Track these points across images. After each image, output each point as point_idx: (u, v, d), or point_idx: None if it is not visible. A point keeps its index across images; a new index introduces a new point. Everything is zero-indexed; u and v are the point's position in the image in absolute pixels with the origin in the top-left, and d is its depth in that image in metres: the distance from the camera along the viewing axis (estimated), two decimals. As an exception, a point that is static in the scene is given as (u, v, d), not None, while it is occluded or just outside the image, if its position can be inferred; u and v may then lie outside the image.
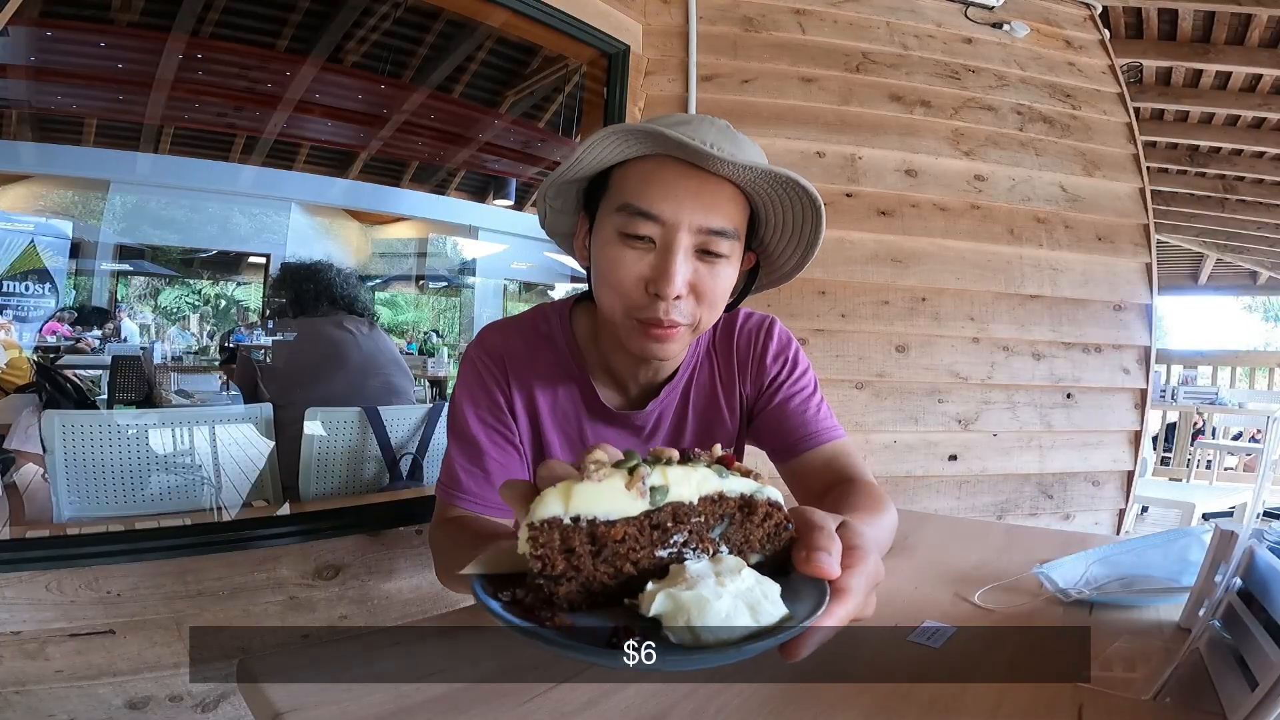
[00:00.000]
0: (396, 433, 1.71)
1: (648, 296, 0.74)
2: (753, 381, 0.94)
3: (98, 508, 1.42)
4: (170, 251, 2.98)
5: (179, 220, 2.88)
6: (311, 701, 0.50)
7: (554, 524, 0.39)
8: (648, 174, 0.74)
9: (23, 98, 2.25)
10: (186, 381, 2.55)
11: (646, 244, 0.74)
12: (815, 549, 0.42)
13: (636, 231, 0.73)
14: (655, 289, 0.73)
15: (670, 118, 0.76)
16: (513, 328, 0.89)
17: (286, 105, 2.66)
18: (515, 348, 0.87)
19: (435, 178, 3.34)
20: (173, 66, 2.35)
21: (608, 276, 0.76)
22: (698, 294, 0.76)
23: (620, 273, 0.75)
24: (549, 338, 0.88)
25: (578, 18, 1.71)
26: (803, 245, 0.82)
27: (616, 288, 0.76)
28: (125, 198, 2.68)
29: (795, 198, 0.77)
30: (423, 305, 3.90)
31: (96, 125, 2.48)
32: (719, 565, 0.40)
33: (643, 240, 0.74)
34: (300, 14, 2.40)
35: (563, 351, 0.87)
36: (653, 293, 0.74)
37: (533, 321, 0.90)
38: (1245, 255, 6.80)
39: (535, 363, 0.86)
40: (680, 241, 0.73)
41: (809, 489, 0.90)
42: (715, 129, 0.75)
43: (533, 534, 0.39)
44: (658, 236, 0.73)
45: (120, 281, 2.85)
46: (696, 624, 0.37)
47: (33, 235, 2.41)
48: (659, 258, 0.73)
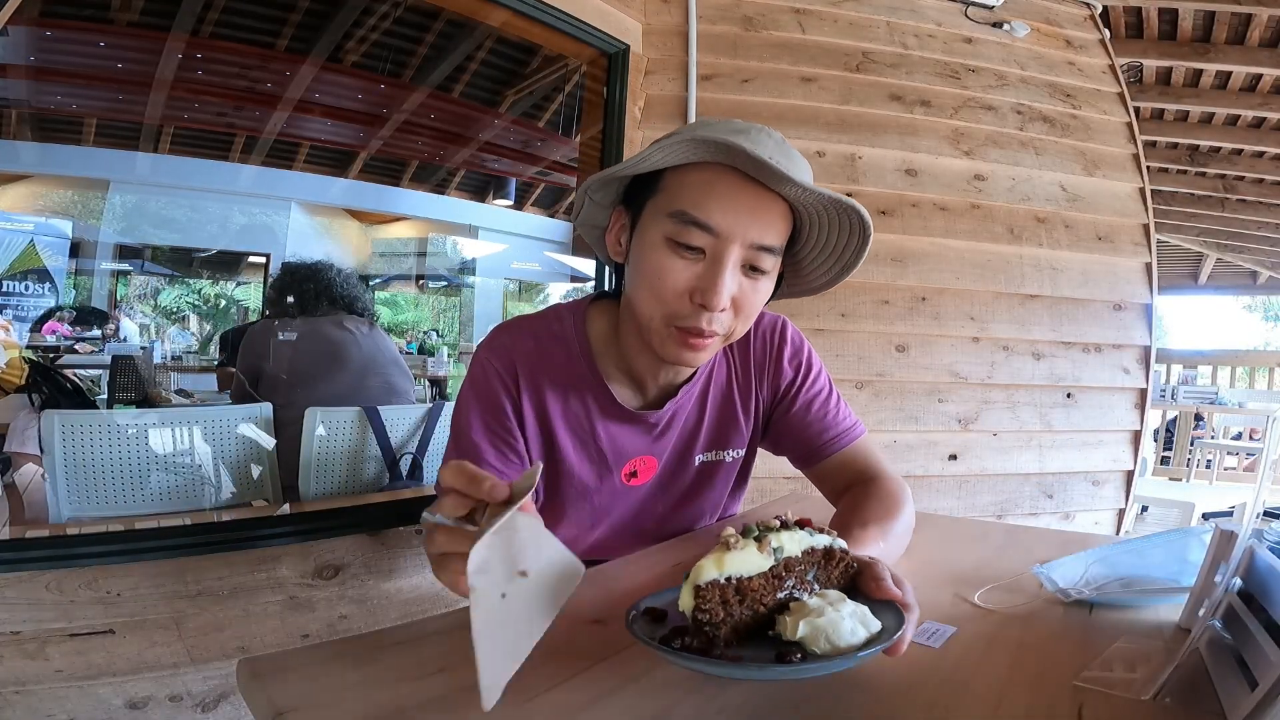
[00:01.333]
0: (396, 433, 1.71)
1: (691, 306, 0.74)
2: (769, 384, 0.94)
3: (97, 508, 1.42)
4: (170, 251, 2.98)
5: (179, 220, 2.88)
6: (311, 701, 0.50)
7: (714, 585, 0.52)
8: (707, 184, 0.72)
9: (23, 97, 2.24)
10: (186, 381, 2.56)
11: (696, 254, 0.73)
12: (880, 579, 0.56)
13: (689, 241, 0.72)
14: (701, 299, 0.73)
15: (728, 125, 0.74)
16: (525, 328, 0.88)
17: (286, 105, 2.66)
18: (526, 348, 0.85)
19: (435, 177, 3.34)
20: (172, 66, 2.35)
21: (652, 281, 0.75)
22: (737, 306, 0.75)
23: (667, 280, 0.74)
24: (561, 338, 0.87)
25: (578, 17, 1.71)
26: (840, 265, 0.81)
27: (659, 294, 0.75)
28: (125, 197, 2.68)
29: (846, 221, 0.76)
30: (423, 305, 3.89)
31: (96, 125, 2.48)
32: (827, 598, 0.54)
33: (693, 250, 0.73)
34: (300, 14, 2.40)
35: (575, 352, 0.86)
36: (698, 303, 0.73)
37: (545, 321, 0.88)
38: (1245, 255, 6.80)
39: (546, 363, 0.85)
40: (732, 255, 0.72)
41: (832, 489, 0.94)
42: (773, 141, 0.74)
43: (700, 594, 0.51)
44: (709, 248, 0.72)
45: (120, 281, 2.84)
46: (834, 639, 0.50)
47: (32, 235, 2.41)
48: (709, 269, 0.73)
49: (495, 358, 0.85)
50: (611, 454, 0.88)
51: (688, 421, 0.91)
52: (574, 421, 0.87)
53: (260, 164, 2.79)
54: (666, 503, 0.95)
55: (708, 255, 0.73)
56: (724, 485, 0.98)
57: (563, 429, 0.86)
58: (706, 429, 0.92)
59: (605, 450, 0.88)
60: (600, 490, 0.90)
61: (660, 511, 0.95)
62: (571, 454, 0.87)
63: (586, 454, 0.88)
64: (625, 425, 0.88)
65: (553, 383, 0.85)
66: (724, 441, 0.94)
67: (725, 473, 0.96)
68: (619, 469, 0.89)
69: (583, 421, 0.87)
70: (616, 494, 0.91)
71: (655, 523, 0.95)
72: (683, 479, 0.94)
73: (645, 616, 0.57)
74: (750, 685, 0.52)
